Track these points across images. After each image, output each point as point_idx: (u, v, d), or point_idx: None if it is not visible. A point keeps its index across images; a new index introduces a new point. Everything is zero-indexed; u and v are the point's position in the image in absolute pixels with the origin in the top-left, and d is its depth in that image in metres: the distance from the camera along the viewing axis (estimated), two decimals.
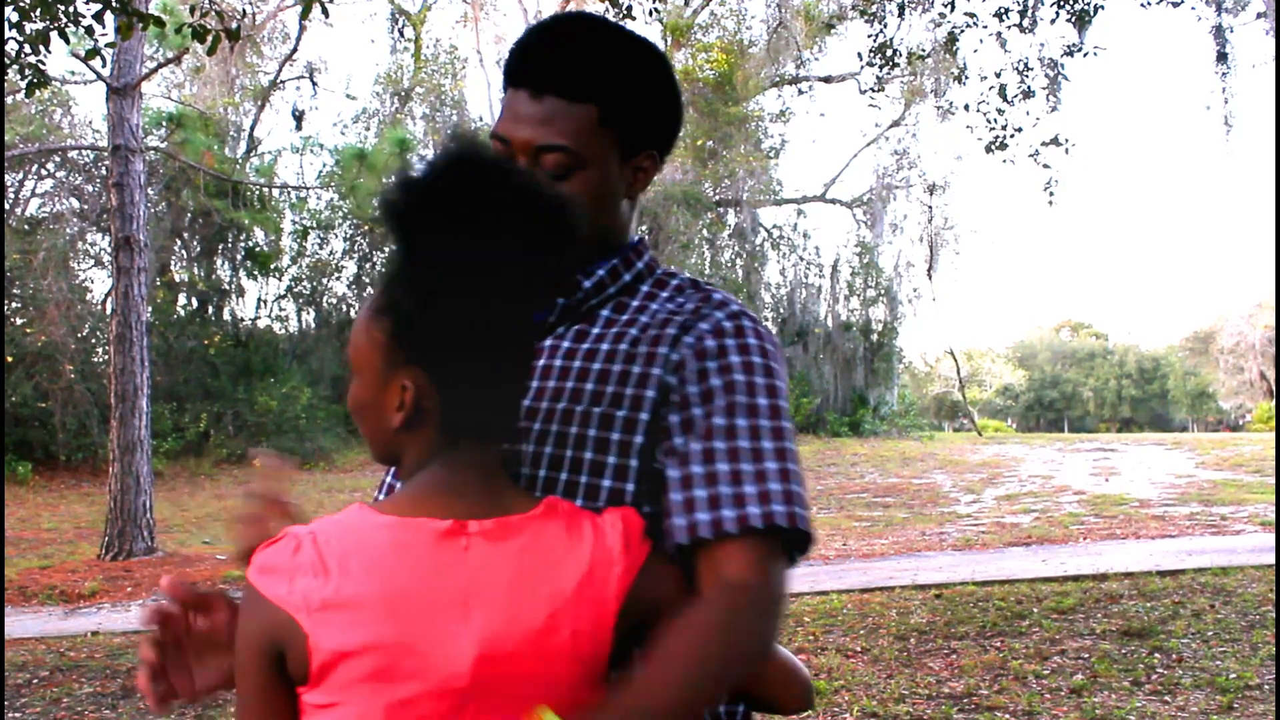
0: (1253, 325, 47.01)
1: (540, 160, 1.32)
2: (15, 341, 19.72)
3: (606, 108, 1.34)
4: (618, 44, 1.37)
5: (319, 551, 1.12)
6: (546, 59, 1.34)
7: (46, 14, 6.69)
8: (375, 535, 1.14)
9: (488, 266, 1.14)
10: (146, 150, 15.42)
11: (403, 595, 1.10)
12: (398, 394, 1.19)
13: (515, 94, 1.35)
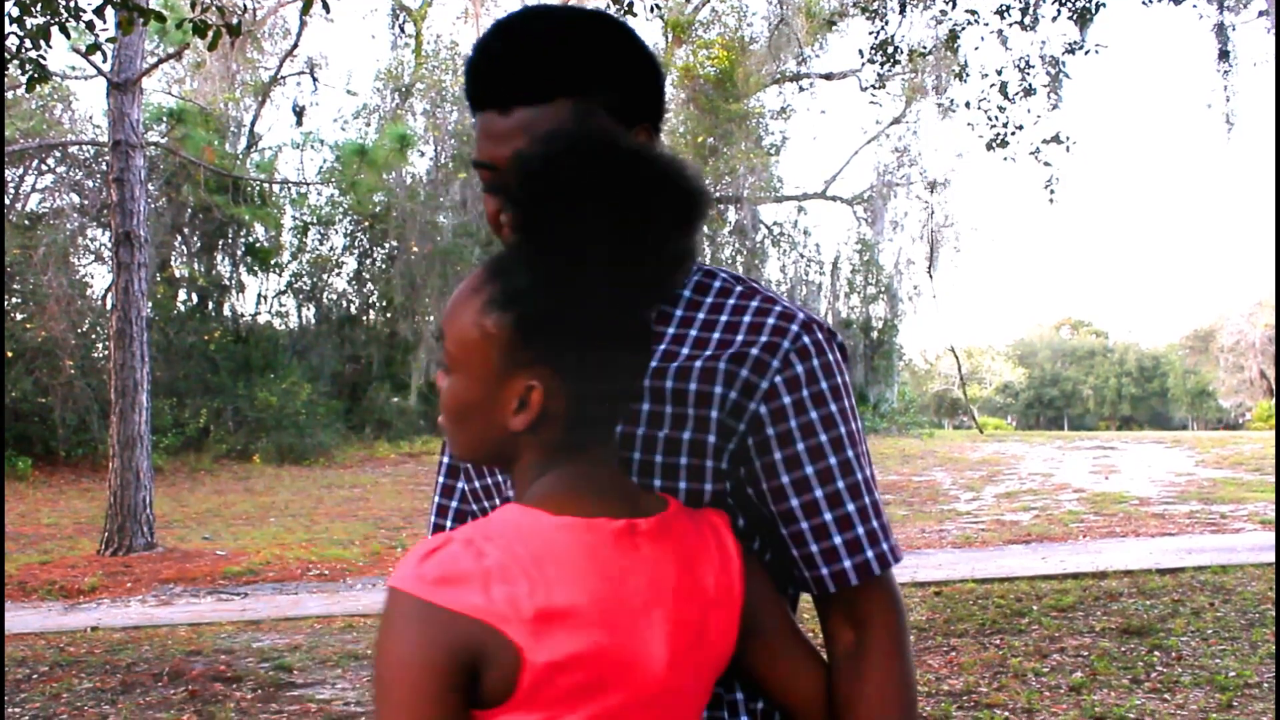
0: (1253, 324, 47.01)
1: None
2: (15, 337, 19.72)
3: (579, 96, 1.25)
4: (570, 30, 1.27)
5: (510, 556, 1.02)
6: (500, 72, 1.26)
7: (47, 9, 6.69)
8: (558, 537, 1.05)
9: (633, 256, 1.07)
10: (147, 145, 15.42)
11: (606, 599, 1.04)
12: (518, 394, 1.09)
13: (484, 116, 1.28)
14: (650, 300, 1.12)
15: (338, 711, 5.84)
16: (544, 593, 1.01)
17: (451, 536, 1.04)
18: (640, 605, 1.07)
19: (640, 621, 1.06)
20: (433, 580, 1.00)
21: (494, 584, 1.00)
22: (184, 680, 6.52)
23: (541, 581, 1.01)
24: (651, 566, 1.09)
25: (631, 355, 1.12)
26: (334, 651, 7.24)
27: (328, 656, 7.11)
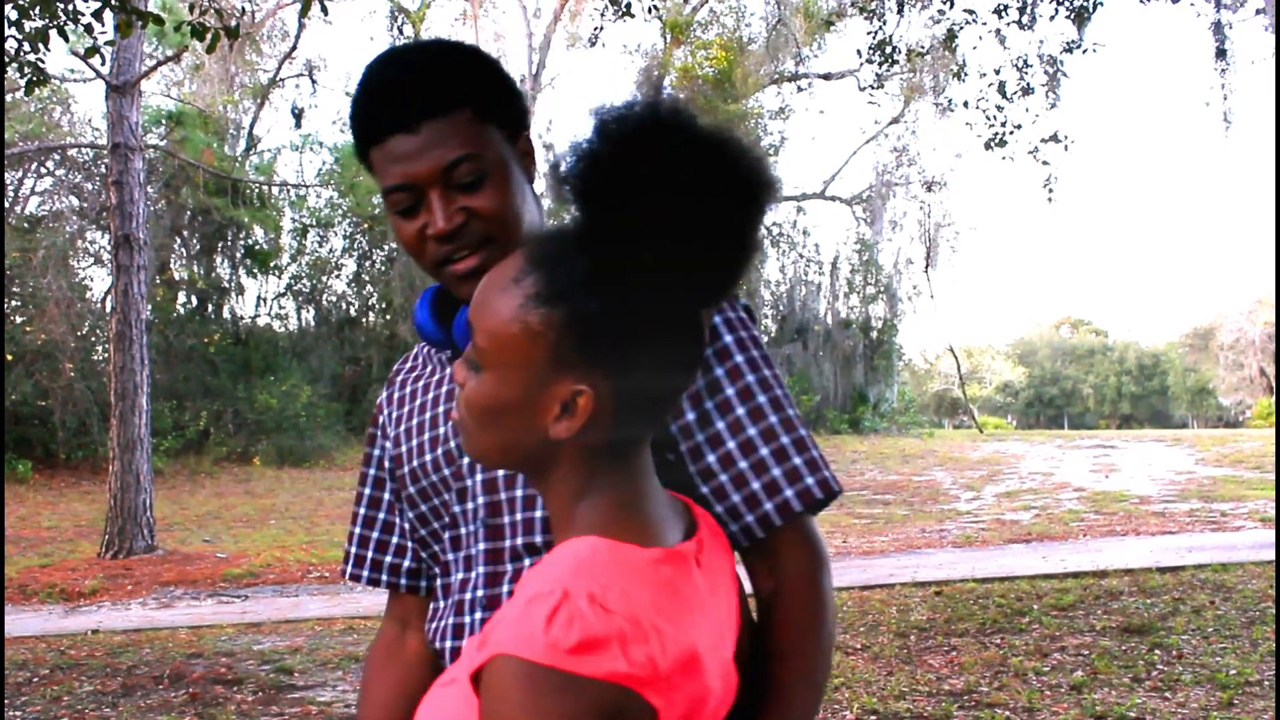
0: (1252, 321, 47.03)
1: (450, 179, 1.30)
2: (15, 340, 19.72)
3: (475, 104, 1.32)
4: (449, 52, 1.36)
5: (633, 606, 0.94)
6: (403, 95, 1.30)
7: (46, 12, 6.69)
8: (659, 575, 0.99)
9: (702, 250, 0.98)
10: (146, 148, 15.42)
11: (705, 635, 0.99)
12: (562, 399, 1.00)
13: (385, 145, 1.31)
14: (713, 298, 1.05)
15: (338, 713, 5.85)
16: (672, 646, 0.95)
17: (566, 591, 0.93)
18: (720, 625, 1.04)
19: (724, 647, 1.03)
20: (571, 648, 0.90)
21: (631, 644, 0.92)
22: (185, 683, 6.52)
23: (666, 633, 0.95)
24: (712, 584, 1.06)
25: (689, 358, 1.04)
26: (335, 654, 7.24)
27: (328, 659, 7.11)
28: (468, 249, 1.31)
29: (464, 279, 1.31)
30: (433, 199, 1.30)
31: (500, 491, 1.33)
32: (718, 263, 0.99)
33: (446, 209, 1.30)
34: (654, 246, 0.95)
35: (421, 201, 1.31)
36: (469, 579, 1.36)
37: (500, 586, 1.33)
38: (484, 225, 1.31)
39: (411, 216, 1.32)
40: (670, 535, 1.04)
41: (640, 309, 0.97)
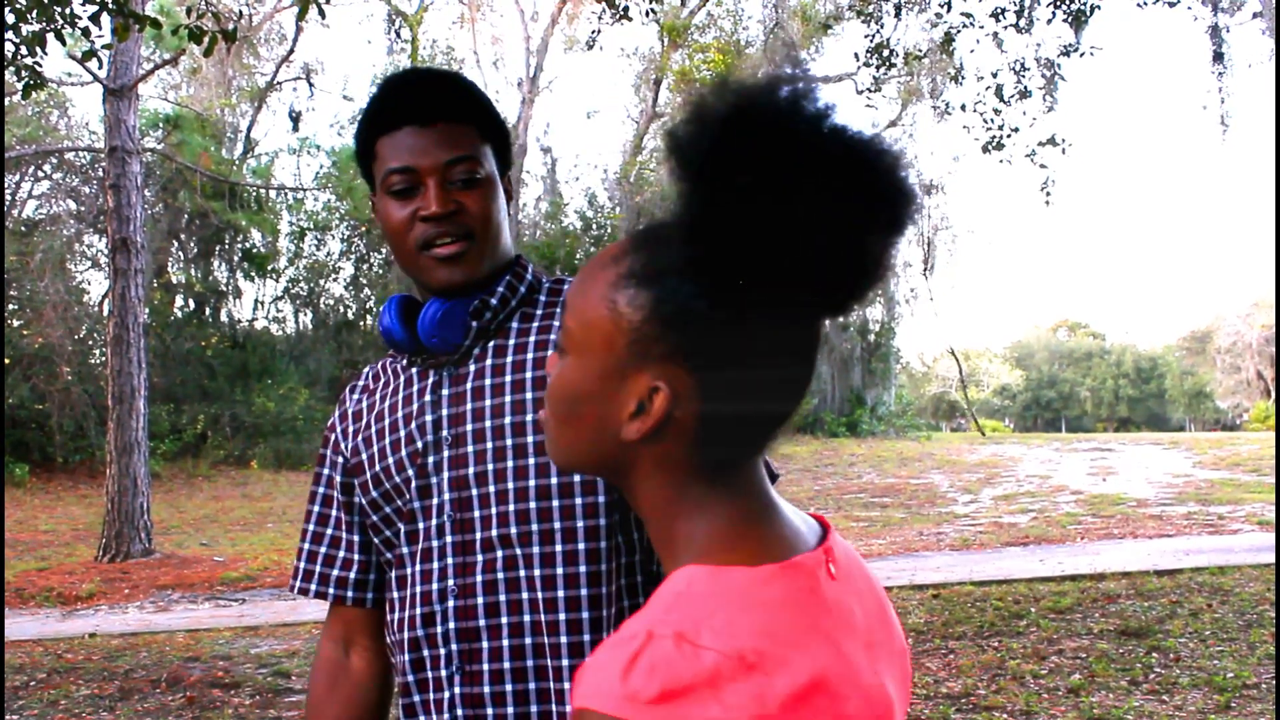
0: (1249, 324, 47.07)
1: (450, 174, 1.44)
2: (12, 343, 19.71)
3: (480, 126, 1.48)
4: (462, 80, 1.54)
5: (733, 640, 0.80)
6: (423, 95, 1.47)
7: (43, 15, 6.68)
8: (770, 594, 0.85)
9: (819, 256, 0.83)
10: (143, 152, 15.41)
11: (838, 655, 0.85)
12: (639, 395, 0.88)
13: (397, 133, 1.46)
14: (831, 313, 0.92)
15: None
16: (788, 675, 0.81)
17: (651, 631, 0.81)
18: (863, 646, 0.89)
19: (867, 667, 0.88)
20: (652, 699, 0.78)
21: (728, 685, 0.78)
22: (182, 686, 6.52)
23: (780, 660, 0.81)
24: (854, 597, 0.92)
25: (791, 371, 0.90)
26: None
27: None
28: (452, 236, 1.44)
29: (443, 262, 1.44)
30: (431, 185, 1.43)
31: (471, 488, 1.41)
32: (842, 275, 0.86)
33: (443, 195, 1.43)
34: (774, 242, 0.82)
35: (418, 188, 1.44)
36: (433, 570, 1.43)
37: (473, 576, 1.40)
38: (470, 220, 1.44)
39: (406, 199, 1.45)
40: (792, 550, 0.89)
41: (744, 308, 0.84)
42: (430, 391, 1.48)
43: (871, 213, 0.85)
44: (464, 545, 1.41)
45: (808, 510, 1.01)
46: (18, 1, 6.55)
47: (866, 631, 0.91)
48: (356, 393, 1.62)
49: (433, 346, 1.46)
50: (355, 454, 1.55)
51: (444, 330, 1.45)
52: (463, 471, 1.42)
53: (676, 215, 0.86)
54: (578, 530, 1.38)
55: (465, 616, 1.40)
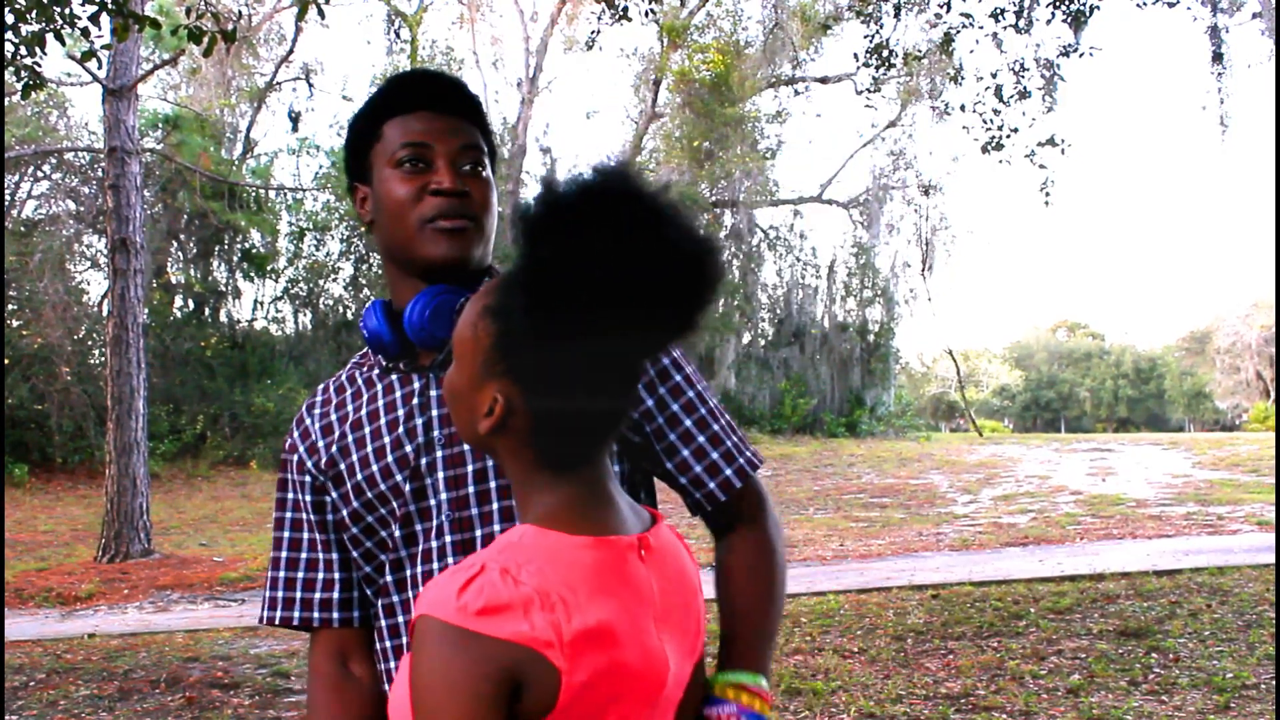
0: (1249, 325, 47.07)
1: (461, 158, 1.50)
2: (12, 344, 19.70)
3: (483, 129, 1.56)
4: (468, 86, 1.60)
5: (544, 581, 1.08)
6: (441, 86, 1.54)
7: (43, 15, 6.69)
8: (581, 557, 1.12)
9: (619, 296, 1.08)
10: (143, 152, 15.41)
11: (628, 614, 1.12)
12: (488, 401, 1.16)
13: (413, 116, 1.51)
14: (644, 352, 1.21)
15: None
16: (580, 616, 1.07)
17: (484, 564, 1.08)
18: (654, 617, 1.15)
19: (653, 632, 1.15)
20: (477, 611, 1.04)
21: (534, 611, 1.05)
22: (181, 687, 6.52)
23: (576, 605, 1.07)
24: (659, 579, 1.18)
25: (612, 397, 1.16)
26: None
27: None
28: (459, 214, 1.48)
29: (448, 236, 1.47)
30: (443, 163, 1.48)
31: (468, 486, 1.43)
32: (653, 320, 1.12)
33: (454, 175, 1.48)
34: (579, 296, 1.07)
35: (429, 164, 1.49)
36: (434, 570, 1.43)
37: None
38: (473, 205, 1.49)
39: (415, 175, 1.48)
40: (611, 532, 1.15)
41: (560, 343, 1.10)
42: (418, 395, 1.48)
43: (674, 273, 1.09)
44: (464, 544, 1.42)
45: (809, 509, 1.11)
46: (17, 1, 6.55)
47: (663, 608, 1.17)
48: (318, 408, 1.59)
49: (420, 342, 1.46)
50: (331, 466, 1.53)
51: (432, 326, 1.45)
52: (460, 470, 1.43)
53: (517, 269, 1.13)
54: None
55: None
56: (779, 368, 30.03)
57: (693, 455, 1.51)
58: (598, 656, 1.07)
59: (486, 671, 1.03)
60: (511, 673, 1.04)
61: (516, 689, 1.04)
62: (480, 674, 1.03)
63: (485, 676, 1.03)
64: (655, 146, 29.94)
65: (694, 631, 1.24)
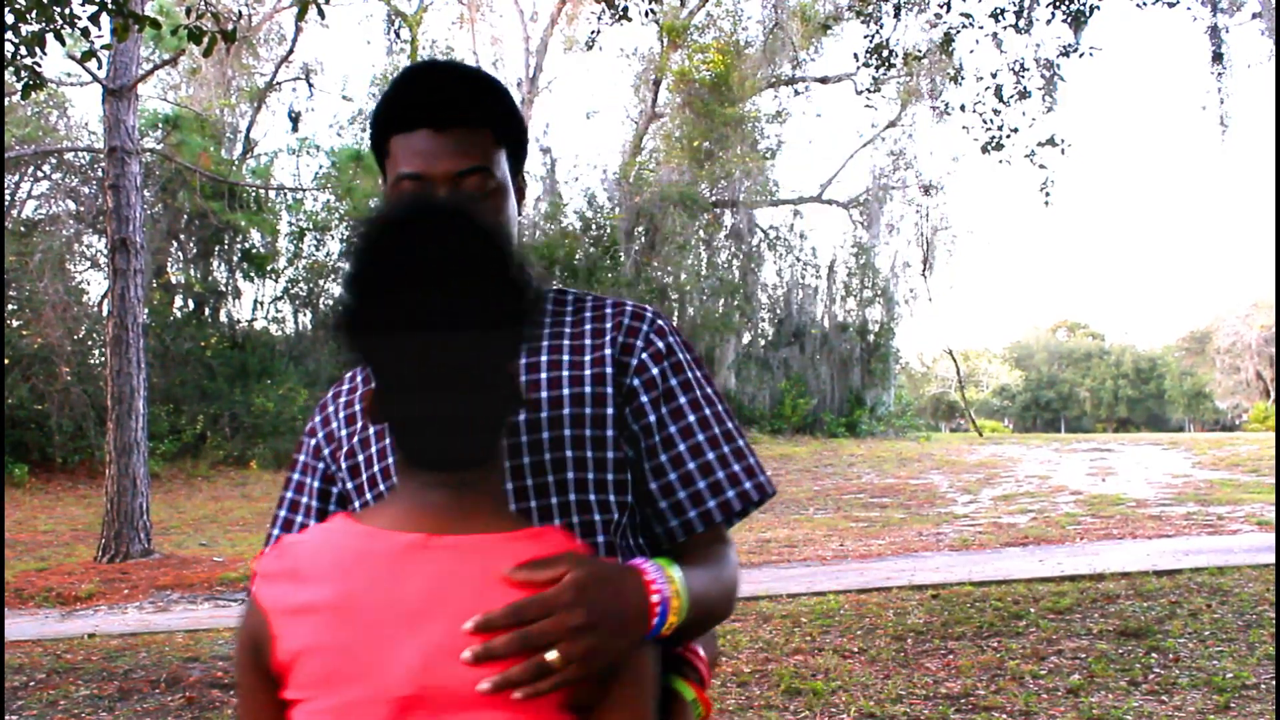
0: (1249, 325, 47.09)
1: (462, 185, 1.43)
2: (11, 344, 19.70)
3: (497, 129, 1.47)
4: (483, 78, 1.50)
5: (296, 558, 1.18)
6: (441, 96, 1.44)
7: (43, 15, 6.69)
8: (345, 543, 1.18)
9: (407, 317, 1.16)
10: (143, 152, 15.40)
11: (354, 602, 1.14)
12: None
13: (411, 136, 1.44)
14: (451, 357, 1.18)
15: None
16: (304, 592, 1.15)
17: (283, 538, 1.23)
18: (403, 612, 1.13)
19: (394, 626, 1.13)
20: (258, 573, 1.21)
21: (282, 581, 1.17)
22: (181, 687, 6.51)
23: (307, 582, 1.16)
24: (441, 580, 1.15)
25: (441, 398, 1.18)
26: None
27: None
28: None
29: None
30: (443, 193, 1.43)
31: None
32: (428, 345, 1.17)
33: None
34: (370, 302, 1.18)
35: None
36: None
37: None
38: None
39: None
40: (400, 527, 1.18)
41: (369, 356, 1.21)
42: None
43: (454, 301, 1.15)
44: None
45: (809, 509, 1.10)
46: (17, 1, 6.55)
47: (412, 603, 1.14)
48: (344, 396, 1.60)
49: None
50: (350, 455, 1.54)
51: None
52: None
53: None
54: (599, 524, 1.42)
55: None
56: (779, 368, 30.03)
57: (680, 481, 1.45)
58: (308, 633, 1.14)
59: (246, 628, 1.20)
60: (255, 635, 1.18)
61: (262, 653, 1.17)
62: (243, 629, 1.21)
63: (245, 632, 1.20)
64: (655, 146, 29.95)
65: (443, 635, 1.14)
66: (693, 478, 1.44)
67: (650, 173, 28.81)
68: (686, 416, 1.46)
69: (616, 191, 28.51)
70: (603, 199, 29.29)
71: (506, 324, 1.19)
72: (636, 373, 1.46)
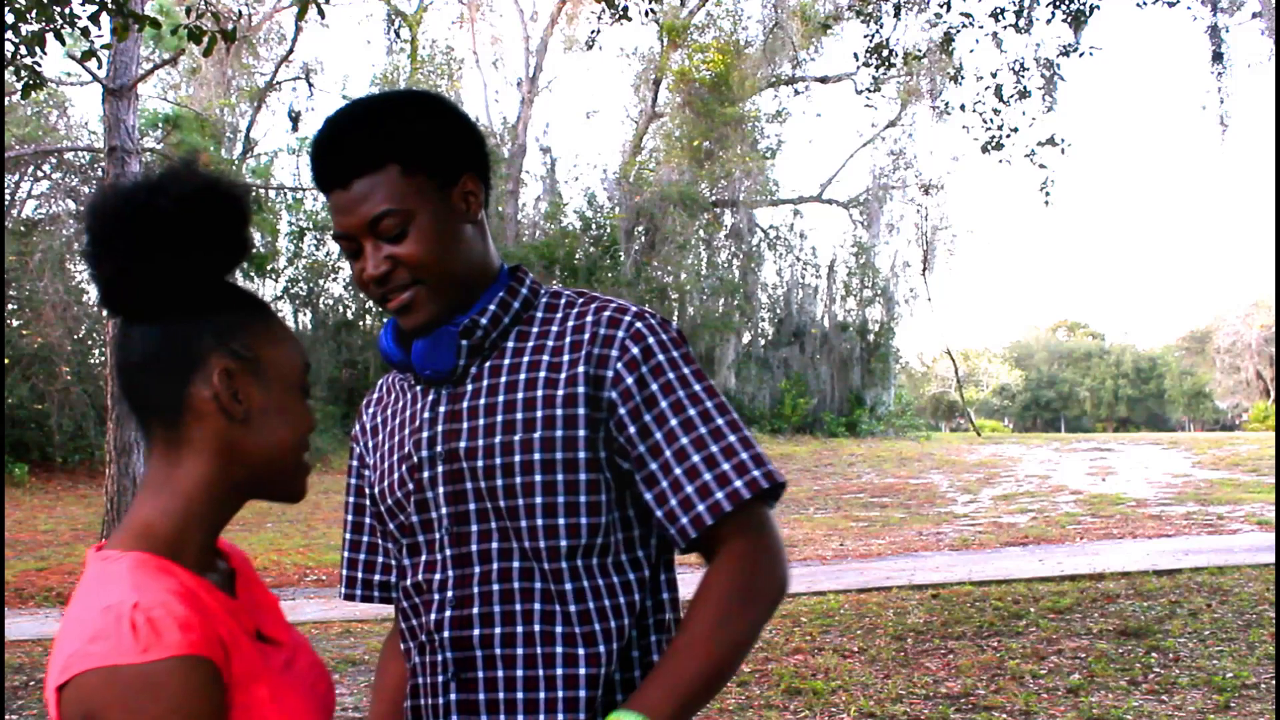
0: (1249, 324, 47.08)
1: (377, 231, 1.43)
2: (11, 343, 19.70)
3: (404, 160, 1.44)
4: (390, 107, 1.48)
5: None
6: (337, 153, 1.45)
7: (43, 15, 6.68)
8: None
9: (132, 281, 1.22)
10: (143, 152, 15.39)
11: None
12: None
13: (331, 197, 1.47)
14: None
15: (335, 716, 5.83)
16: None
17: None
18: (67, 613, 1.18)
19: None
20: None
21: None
22: None
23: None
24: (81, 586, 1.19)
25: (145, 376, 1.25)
26: (331, 657, 7.24)
27: (325, 661, 7.08)
28: (397, 290, 1.45)
29: (399, 312, 1.47)
30: (366, 247, 1.45)
31: (467, 503, 1.46)
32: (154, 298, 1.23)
33: (375, 256, 1.44)
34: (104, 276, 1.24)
35: (359, 249, 1.46)
36: (434, 580, 1.48)
37: (469, 588, 1.45)
38: (409, 271, 1.44)
39: (356, 260, 1.47)
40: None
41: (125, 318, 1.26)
42: (429, 409, 1.52)
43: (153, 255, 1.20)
44: (460, 558, 1.46)
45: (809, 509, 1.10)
46: (17, 1, 6.54)
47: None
48: (372, 406, 1.67)
49: (425, 374, 1.50)
50: (372, 468, 1.62)
51: (433, 361, 1.48)
52: (459, 486, 1.46)
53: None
54: (564, 549, 1.43)
55: (460, 626, 1.45)
56: (779, 367, 30.02)
57: (670, 488, 1.42)
58: None
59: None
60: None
61: None
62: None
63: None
64: (655, 146, 29.94)
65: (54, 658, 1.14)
66: (680, 483, 1.42)
67: (650, 172, 28.81)
68: (669, 421, 1.43)
69: (616, 191, 28.51)
70: (603, 199, 29.30)
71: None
72: (613, 385, 1.44)
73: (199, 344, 1.24)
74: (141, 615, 1.08)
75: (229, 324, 1.26)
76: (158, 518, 1.21)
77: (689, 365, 1.48)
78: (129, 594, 1.10)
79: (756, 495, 1.42)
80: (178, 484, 1.23)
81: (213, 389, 1.23)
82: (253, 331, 1.27)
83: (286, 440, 1.28)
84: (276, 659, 1.23)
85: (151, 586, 1.12)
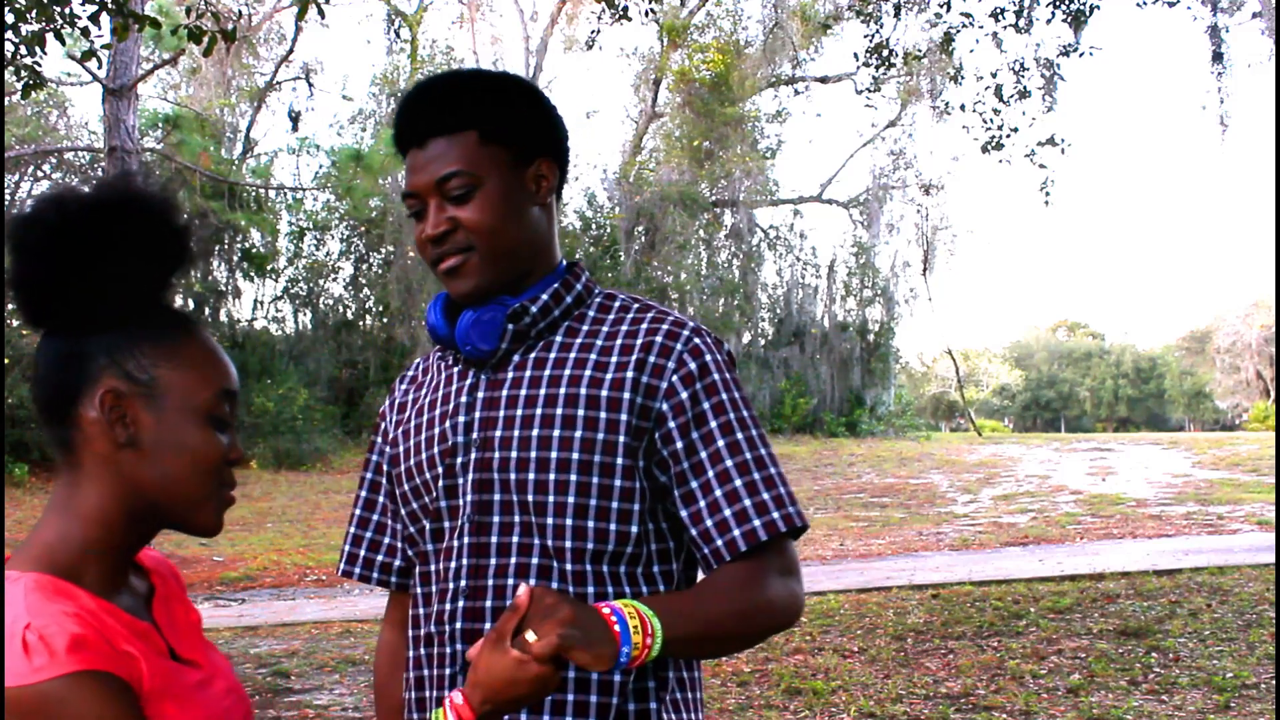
0: (1249, 324, 47.07)
1: (444, 191, 1.45)
2: (12, 343, 19.71)
3: (483, 128, 1.46)
4: (480, 79, 1.53)
5: None
6: (421, 113, 1.49)
7: (42, 15, 6.68)
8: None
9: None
10: (143, 152, 15.40)
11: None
12: None
13: (407, 156, 1.50)
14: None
15: (335, 716, 5.84)
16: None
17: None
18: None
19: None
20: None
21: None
22: None
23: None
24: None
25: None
26: (332, 657, 7.24)
27: (325, 662, 7.10)
28: (451, 252, 1.47)
29: (447, 275, 1.47)
30: (430, 207, 1.47)
31: (493, 493, 1.44)
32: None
33: (437, 216, 1.46)
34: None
35: (424, 210, 1.48)
36: (450, 568, 1.47)
37: (484, 579, 1.43)
38: (466, 235, 1.45)
39: (419, 221, 1.49)
40: None
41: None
42: (467, 393, 1.51)
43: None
44: (479, 548, 1.45)
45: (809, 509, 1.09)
46: (17, 1, 6.54)
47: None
48: (405, 383, 1.67)
49: (466, 353, 1.49)
50: (395, 445, 1.60)
51: (475, 338, 1.47)
52: (486, 475, 1.45)
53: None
54: (589, 552, 1.42)
55: (472, 618, 1.44)
56: (779, 367, 30.00)
57: (708, 508, 1.42)
58: None
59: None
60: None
61: None
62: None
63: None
64: (655, 146, 29.94)
65: None
66: (719, 505, 1.41)
67: (650, 172, 28.80)
68: (716, 441, 1.43)
69: (616, 191, 28.49)
70: (603, 198, 29.28)
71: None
72: (666, 396, 1.44)
73: (92, 363, 1.18)
74: (34, 635, 1.04)
75: (128, 343, 1.19)
76: (56, 541, 1.16)
77: (739, 390, 1.49)
78: (22, 615, 1.06)
79: (789, 530, 1.42)
80: (77, 508, 1.18)
81: (97, 410, 1.17)
82: (156, 353, 1.20)
83: (180, 472, 1.20)
84: (190, 677, 1.18)
85: (46, 608, 1.07)
